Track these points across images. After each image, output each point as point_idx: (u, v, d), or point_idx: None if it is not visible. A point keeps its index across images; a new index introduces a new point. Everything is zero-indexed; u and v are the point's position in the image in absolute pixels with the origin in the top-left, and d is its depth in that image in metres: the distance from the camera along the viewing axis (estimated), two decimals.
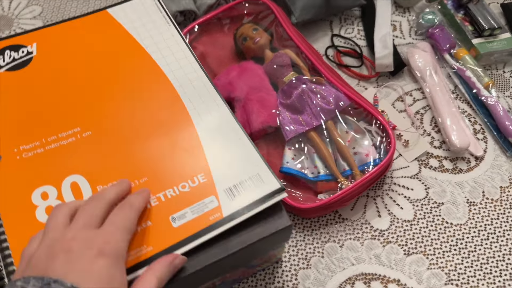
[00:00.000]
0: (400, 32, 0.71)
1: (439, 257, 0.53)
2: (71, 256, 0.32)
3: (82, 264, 0.31)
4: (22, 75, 0.47)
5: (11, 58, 0.48)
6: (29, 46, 0.49)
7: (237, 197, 0.42)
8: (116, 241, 0.34)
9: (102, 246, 0.33)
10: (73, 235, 0.33)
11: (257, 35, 0.63)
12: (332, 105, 0.57)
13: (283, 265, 0.52)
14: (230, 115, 0.47)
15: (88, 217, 0.35)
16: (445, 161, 0.59)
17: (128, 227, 0.36)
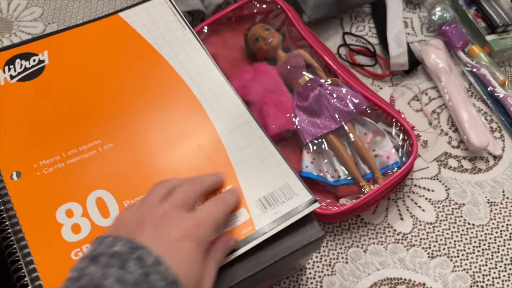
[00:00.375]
0: (411, 29, 0.70)
1: (463, 259, 0.52)
2: (160, 231, 0.32)
3: (168, 241, 0.32)
4: (35, 85, 0.45)
5: (23, 68, 0.46)
6: (40, 54, 0.47)
7: (268, 209, 0.40)
8: (204, 229, 0.34)
9: (190, 229, 0.33)
10: (166, 211, 0.34)
11: (269, 36, 0.62)
12: (351, 107, 0.56)
13: (307, 272, 0.51)
14: (255, 122, 0.46)
15: (183, 198, 0.36)
16: (464, 161, 0.59)
17: (217, 221, 0.36)
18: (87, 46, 0.48)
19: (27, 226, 0.38)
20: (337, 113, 0.56)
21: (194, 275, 0.32)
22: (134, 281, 0.29)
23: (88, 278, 0.29)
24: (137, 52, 0.48)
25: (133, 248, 0.30)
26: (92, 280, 0.29)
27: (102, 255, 0.30)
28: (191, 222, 0.34)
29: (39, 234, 0.38)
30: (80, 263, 0.30)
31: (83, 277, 0.29)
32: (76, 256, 0.37)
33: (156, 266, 0.30)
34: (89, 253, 0.31)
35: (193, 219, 0.34)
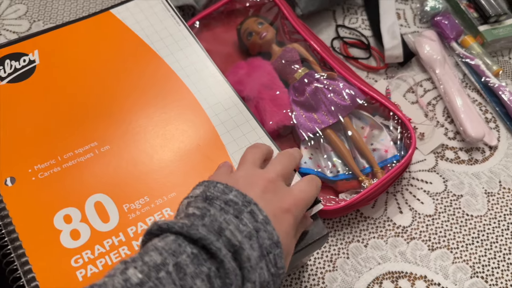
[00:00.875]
0: (404, 21, 0.70)
1: (463, 250, 0.53)
2: (267, 196, 0.34)
3: (274, 209, 0.33)
4: (26, 86, 0.44)
5: (13, 68, 0.44)
6: (30, 54, 0.45)
7: None
8: (301, 208, 0.36)
9: (291, 205, 0.35)
10: (271, 178, 0.36)
11: (263, 30, 0.61)
12: (348, 101, 0.56)
13: (309, 269, 0.51)
14: (254, 121, 0.45)
15: (283, 170, 0.37)
16: (461, 152, 0.59)
17: (309, 202, 0.37)
18: (78, 44, 0.47)
19: (24, 233, 0.37)
20: (334, 108, 0.56)
21: (288, 245, 0.34)
22: (248, 233, 0.31)
23: (211, 219, 0.30)
24: (131, 49, 0.47)
25: (247, 201, 0.32)
26: (215, 221, 0.30)
27: (217, 199, 0.32)
28: (292, 199, 0.35)
29: (37, 241, 0.37)
30: (196, 202, 0.32)
31: (206, 216, 0.30)
32: (76, 263, 0.36)
33: (265, 225, 0.32)
34: (200, 193, 0.33)
35: (293, 196, 0.36)
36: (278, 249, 0.32)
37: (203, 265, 0.28)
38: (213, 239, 0.29)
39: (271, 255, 0.31)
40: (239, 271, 0.30)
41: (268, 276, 0.31)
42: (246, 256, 0.30)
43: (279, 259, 0.32)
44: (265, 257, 0.31)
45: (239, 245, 0.30)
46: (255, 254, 0.30)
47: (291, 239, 0.35)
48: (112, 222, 0.38)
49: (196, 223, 0.30)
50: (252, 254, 0.30)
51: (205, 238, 0.29)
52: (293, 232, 0.35)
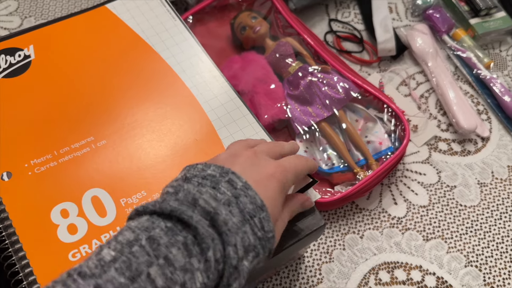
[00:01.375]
0: (396, 14, 0.70)
1: (457, 240, 0.53)
2: (248, 164, 0.34)
3: (256, 176, 0.33)
4: (21, 81, 0.44)
5: (8, 63, 0.44)
6: (25, 49, 0.45)
7: None
8: (287, 175, 0.35)
9: (276, 171, 0.34)
10: (255, 152, 0.36)
11: (256, 24, 0.61)
12: (342, 94, 0.56)
13: (306, 261, 0.51)
14: (251, 116, 0.45)
15: (269, 150, 0.37)
16: (453, 144, 0.60)
17: (298, 171, 0.37)
18: (74, 39, 0.46)
19: (21, 228, 0.37)
20: (328, 101, 0.56)
21: (274, 211, 0.33)
22: (226, 200, 0.31)
23: (184, 193, 0.30)
24: (126, 44, 0.46)
25: (224, 172, 0.32)
26: (189, 194, 0.30)
27: (195, 177, 0.32)
28: (276, 165, 0.35)
29: (34, 236, 0.37)
30: (174, 182, 0.32)
31: (180, 192, 0.30)
32: (74, 258, 0.36)
33: (245, 190, 0.31)
34: (180, 176, 0.33)
35: (277, 163, 0.35)
36: (263, 213, 0.31)
37: (178, 235, 0.28)
38: (185, 209, 0.29)
39: (256, 218, 0.31)
40: (218, 236, 0.29)
41: (254, 240, 0.31)
42: (222, 220, 0.29)
43: (266, 223, 0.31)
44: (249, 221, 0.31)
45: (213, 211, 0.29)
46: (235, 219, 0.30)
47: (279, 205, 0.34)
48: (109, 217, 0.38)
49: (169, 199, 0.30)
50: (230, 219, 0.30)
51: (176, 209, 0.29)
52: (281, 198, 0.34)
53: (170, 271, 0.27)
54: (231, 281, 0.29)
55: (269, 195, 0.33)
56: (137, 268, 0.26)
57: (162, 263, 0.27)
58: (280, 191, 0.34)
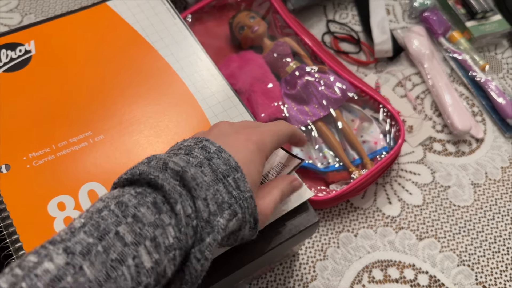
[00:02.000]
0: (393, 16, 0.71)
1: (450, 239, 0.54)
2: (223, 135, 0.35)
3: (231, 141, 0.34)
4: (22, 76, 0.44)
5: (9, 58, 0.44)
6: (26, 44, 0.46)
7: None
8: (265, 137, 0.35)
9: (252, 134, 0.35)
10: (231, 123, 0.37)
11: (255, 24, 0.62)
12: (338, 94, 0.57)
13: (300, 258, 0.52)
14: (248, 115, 0.46)
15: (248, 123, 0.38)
16: (448, 145, 0.60)
17: (279, 135, 0.37)
18: (74, 35, 0.47)
19: (18, 220, 0.37)
20: (325, 100, 0.57)
21: (252, 172, 0.33)
22: (198, 162, 0.31)
23: (156, 160, 0.30)
24: (126, 42, 0.47)
25: (199, 141, 0.33)
26: (160, 160, 0.30)
27: (171, 150, 0.33)
28: (253, 131, 0.35)
29: (31, 228, 0.37)
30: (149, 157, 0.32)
31: (152, 160, 0.31)
32: None
33: (218, 153, 0.32)
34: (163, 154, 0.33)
35: (254, 130, 0.36)
36: (238, 173, 0.31)
37: (147, 197, 0.28)
38: (153, 171, 0.29)
39: (230, 178, 0.31)
40: (186, 192, 0.29)
41: (229, 198, 0.31)
42: (190, 177, 0.29)
43: (242, 182, 0.31)
44: (222, 180, 0.31)
45: (182, 170, 0.29)
46: (206, 178, 0.30)
47: (257, 167, 0.34)
48: None
49: (139, 166, 0.30)
50: (200, 176, 0.30)
51: (144, 171, 0.29)
52: (259, 160, 0.34)
53: (139, 227, 0.27)
54: (204, 235, 0.29)
55: (244, 156, 0.33)
56: (105, 228, 0.26)
57: (130, 221, 0.27)
58: (257, 153, 0.34)
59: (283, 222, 0.41)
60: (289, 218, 0.41)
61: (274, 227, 0.40)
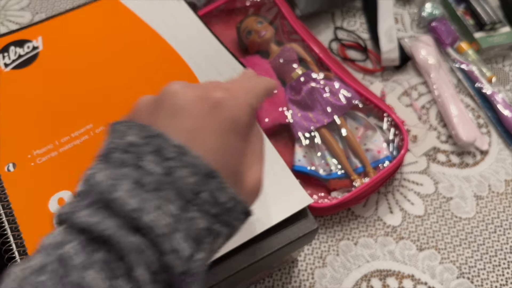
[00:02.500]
0: (401, 25, 0.71)
1: (450, 251, 0.54)
2: (179, 110, 0.25)
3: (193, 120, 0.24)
4: (29, 72, 0.45)
5: (17, 55, 0.45)
6: (34, 40, 0.46)
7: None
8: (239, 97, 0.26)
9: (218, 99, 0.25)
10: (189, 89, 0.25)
11: (262, 29, 0.62)
12: (343, 102, 0.57)
13: (299, 265, 0.52)
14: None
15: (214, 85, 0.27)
16: (452, 156, 0.60)
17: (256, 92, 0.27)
18: (82, 30, 0.47)
19: (21, 217, 0.38)
20: (329, 107, 0.57)
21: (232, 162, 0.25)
22: (155, 184, 0.22)
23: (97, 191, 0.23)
24: (134, 34, 0.47)
25: (149, 136, 0.24)
26: (102, 194, 0.22)
27: (116, 150, 0.24)
28: (221, 90, 0.25)
29: (32, 224, 0.38)
30: (92, 167, 0.24)
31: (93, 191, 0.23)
32: None
33: (181, 158, 0.23)
34: (104, 147, 0.25)
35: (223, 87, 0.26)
36: (214, 183, 0.23)
37: (97, 252, 0.21)
38: (97, 220, 0.22)
39: (204, 194, 0.23)
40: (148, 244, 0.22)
41: (208, 222, 0.23)
42: (147, 224, 0.22)
43: (219, 193, 0.24)
44: (193, 201, 0.23)
45: (135, 215, 0.22)
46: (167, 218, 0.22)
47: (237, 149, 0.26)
48: None
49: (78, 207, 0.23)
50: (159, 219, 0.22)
51: (86, 224, 0.22)
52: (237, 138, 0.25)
53: None
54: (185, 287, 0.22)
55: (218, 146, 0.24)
56: None
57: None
58: (234, 130, 0.25)
59: (281, 228, 0.41)
60: (287, 224, 0.41)
61: (273, 232, 0.40)
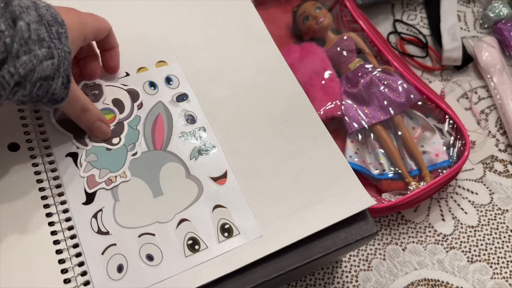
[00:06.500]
0: (464, 24, 0.67)
1: (503, 266, 0.51)
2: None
3: (59, 10, 0.32)
4: None
5: None
6: None
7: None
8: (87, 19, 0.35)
9: (78, 14, 0.34)
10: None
11: (320, 15, 0.59)
12: (402, 99, 0.54)
13: (343, 265, 0.50)
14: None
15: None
16: (510, 166, 0.57)
17: (100, 26, 0.36)
18: None
19: None
20: (387, 103, 0.54)
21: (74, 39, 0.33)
22: (25, 5, 0.29)
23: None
24: None
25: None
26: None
27: None
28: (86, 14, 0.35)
29: None
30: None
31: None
32: None
33: (47, 7, 0.31)
34: None
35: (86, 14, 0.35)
36: (62, 29, 0.31)
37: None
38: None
39: (54, 28, 0.31)
40: (8, 11, 0.27)
41: (49, 40, 0.30)
42: (17, 2, 0.28)
43: (63, 38, 0.31)
44: (46, 26, 0.30)
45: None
46: (32, 14, 0.29)
47: (78, 39, 0.34)
48: None
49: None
50: (24, 6, 0.29)
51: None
52: (80, 34, 0.34)
53: None
54: (20, 53, 0.28)
55: (69, 23, 0.32)
56: None
57: None
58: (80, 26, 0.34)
59: (338, 229, 0.38)
60: (345, 225, 0.39)
61: (329, 232, 0.38)
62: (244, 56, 0.45)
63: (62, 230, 0.34)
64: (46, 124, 0.37)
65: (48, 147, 0.36)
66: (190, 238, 0.35)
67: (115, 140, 0.38)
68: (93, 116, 0.36)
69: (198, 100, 0.41)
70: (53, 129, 0.37)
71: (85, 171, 0.36)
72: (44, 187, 0.35)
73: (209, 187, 0.37)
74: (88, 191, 0.35)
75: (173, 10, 0.46)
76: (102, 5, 0.44)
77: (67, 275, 0.32)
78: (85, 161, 0.36)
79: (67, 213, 0.34)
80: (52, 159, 0.36)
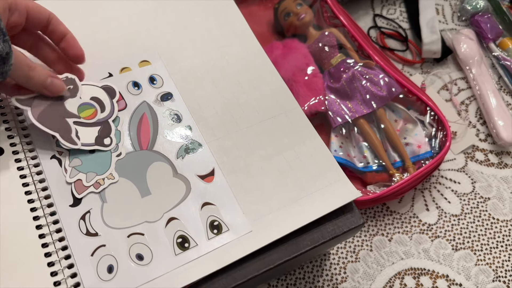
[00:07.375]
0: (442, 17, 0.68)
1: (487, 253, 0.52)
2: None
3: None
4: None
5: None
6: None
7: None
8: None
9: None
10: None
11: (301, 11, 0.59)
12: (384, 92, 0.55)
13: (331, 258, 0.50)
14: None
15: None
16: (491, 155, 0.58)
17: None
18: None
19: None
20: (369, 97, 0.54)
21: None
22: None
23: None
24: None
25: None
26: None
27: None
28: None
29: None
30: None
31: None
32: None
33: None
34: None
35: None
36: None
37: None
38: None
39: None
40: None
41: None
42: None
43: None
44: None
45: None
46: None
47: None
48: None
49: None
50: None
51: None
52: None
53: None
54: None
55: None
56: None
57: None
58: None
59: (325, 222, 0.39)
60: (332, 218, 0.39)
61: (316, 225, 0.39)
62: (227, 54, 0.45)
63: (50, 233, 0.33)
64: (29, 127, 0.37)
65: (33, 150, 0.36)
66: (179, 236, 0.35)
67: (106, 141, 0.38)
68: (42, 72, 0.35)
69: (182, 99, 0.42)
70: (36, 132, 0.37)
71: (71, 176, 0.36)
72: (30, 190, 0.34)
73: (197, 185, 0.38)
74: (78, 196, 0.35)
75: (155, 10, 0.46)
76: (83, 5, 0.44)
77: (57, 277, 0.32)
78: (69, 167, 0.36)
79: (54, 216, 0.34)
80: (37, 161, 0.36)
